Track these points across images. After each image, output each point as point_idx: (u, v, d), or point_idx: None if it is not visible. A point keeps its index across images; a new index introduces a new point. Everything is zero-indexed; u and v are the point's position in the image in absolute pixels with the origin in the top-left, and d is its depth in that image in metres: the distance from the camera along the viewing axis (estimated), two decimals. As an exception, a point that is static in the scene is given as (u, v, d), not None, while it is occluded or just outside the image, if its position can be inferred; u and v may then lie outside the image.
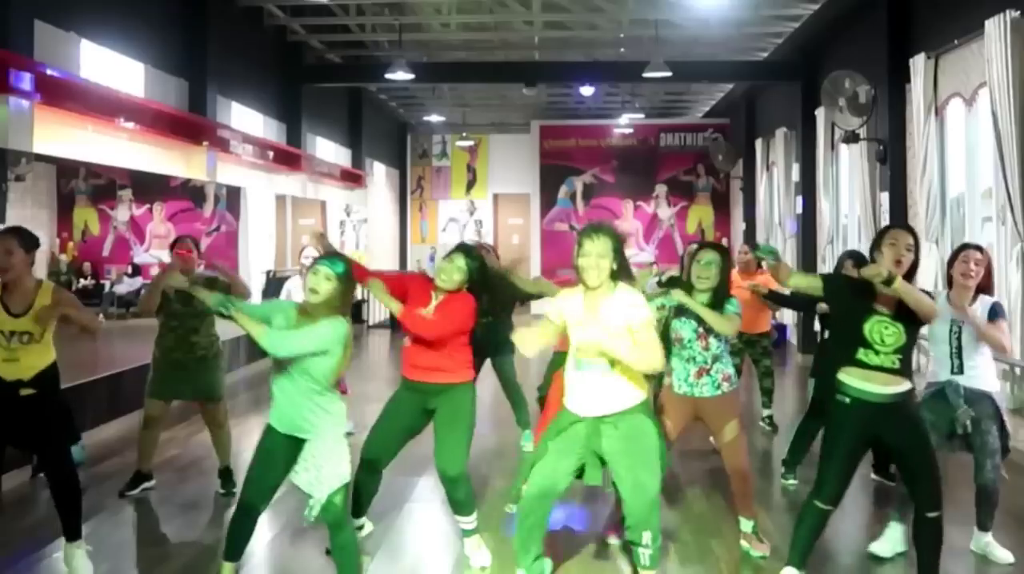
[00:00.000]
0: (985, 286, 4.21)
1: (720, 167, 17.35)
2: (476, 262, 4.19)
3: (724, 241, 18.45)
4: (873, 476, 5.65)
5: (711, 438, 6.59)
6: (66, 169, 14.58)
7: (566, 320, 3.58)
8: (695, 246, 4.69)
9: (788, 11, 11.21)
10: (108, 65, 8.32)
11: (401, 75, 11.79)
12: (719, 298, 4.28)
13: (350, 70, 14.69)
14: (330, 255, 3.70)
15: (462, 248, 4.28)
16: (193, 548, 4.57)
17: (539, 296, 6.06)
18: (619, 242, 3.49)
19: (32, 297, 3.98)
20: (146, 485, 5.45)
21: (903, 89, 8.88)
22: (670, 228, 18.82)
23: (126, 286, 13.99)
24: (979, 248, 4.30)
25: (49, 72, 6.77)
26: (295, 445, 3.62)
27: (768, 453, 6.63)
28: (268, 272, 12.15)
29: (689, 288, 4.32)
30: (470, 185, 20.82)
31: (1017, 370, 6.63)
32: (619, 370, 3.46)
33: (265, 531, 4.91)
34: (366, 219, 17.23)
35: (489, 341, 5.46)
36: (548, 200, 18.97)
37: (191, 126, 9.15)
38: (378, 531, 4.69)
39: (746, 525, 4.41)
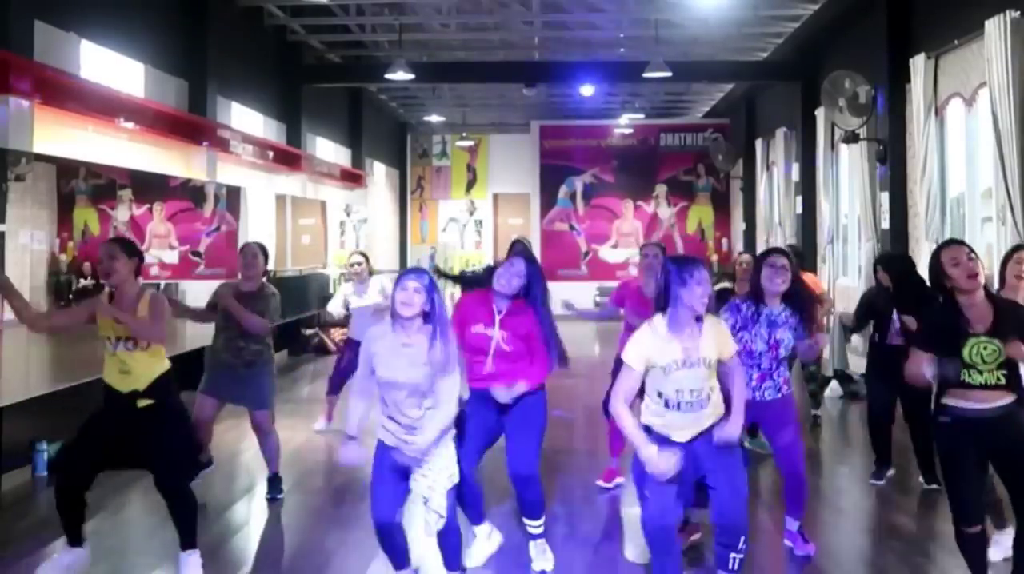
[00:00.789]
0: None
1: (720, 167, 17.35)
2: (534, 265, 4.20)
3: (724, 241, 18.49)
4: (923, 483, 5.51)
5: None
6: (66, 169, 14.57)
7: (654, 364, 3.45)
8: (764, 252, 4.49)
9: (788, 11, 11.21)
10: (108, 65, 8.32)
11: (401, 75, 11.78)
12: (793, 301, 4.25)
13: (350, 70, 14.69)
14: (415, 268, 3.72)
15: (519, 251, 4.30)
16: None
17: None
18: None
19: (135, 304, 4.02)
20: (205, 471, 5.53)
21: (903, 89, 8.88)
22: (670, 228, 18.82)
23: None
24: None
25: (49, 72, 6.77)
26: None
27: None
28: (268, 272, 12.14)
29: (762, 292, 4.26)
30: (470, 185, 20.82)
31: (1017, 370, 6.62)
32: (713, 403, 3.53)
33: (266, 531, 4.91)
34: (366, 219, 17.22)
35: None
36: (548, 200, 18.98)
37: (191, 126, 9.14)
38: (378, 531, 4.68)
39: (792, 524, 4.40)
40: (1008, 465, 3.49)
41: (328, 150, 14.98)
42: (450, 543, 3.80)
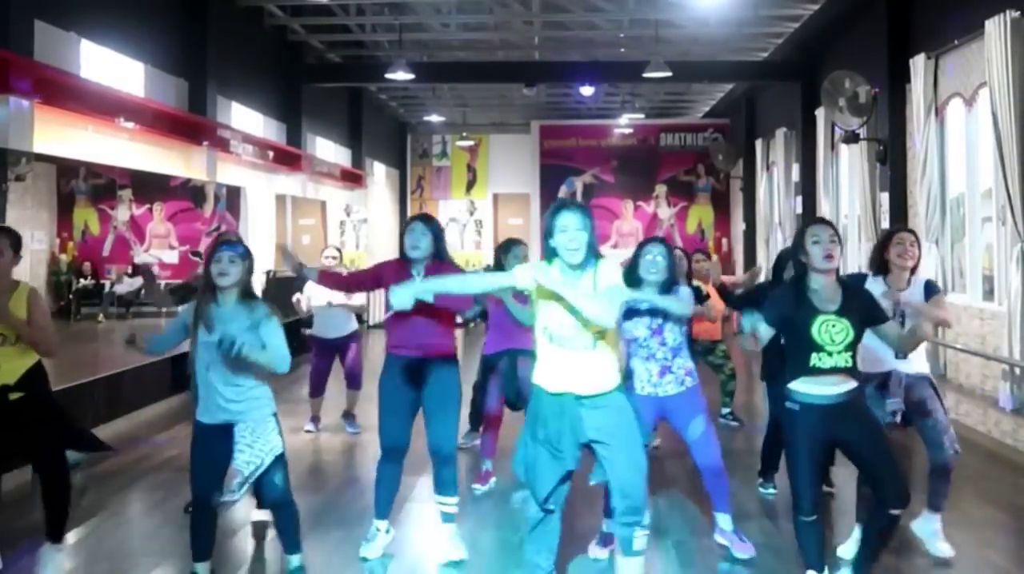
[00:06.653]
0: (915, 269, 4.26)
1: (720, 167, 17.36)
2: (434, 223, 4.36)
3: (724, 242, 18.48)
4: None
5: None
6: (66, 169, 14.58)
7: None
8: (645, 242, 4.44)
9: (788, 11, 11.21)
10: (108, 65, 8.31)
11: (401, 75, 11.79)
12: (667, 290, 4.21)
13: (350, 70, 14.69)
14: (228, 240, 3.78)
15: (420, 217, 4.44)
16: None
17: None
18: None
19: (7, 299, 3.98)
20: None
21: (903, 89, 8.88)
22: (670, 228, 18.83)
23: (126, 286, 14.00)
24: (911, 231, 4.37)
25: (49, 72, 6.77)
26: (226, 433, 3.70)
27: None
28: (268, 272, 12.13)
29: (639, 283, 4.20)
30: (470, 185, 20.81)
31: (1017, 370, 6.62)
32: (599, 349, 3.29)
33: (264, 531, 4.90)
34: (366, 219, 17.22)
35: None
36: (548, 200, 18.95)
37: (191, 126, 9.14)
38: (378, 531, 4.68)
39: (725, 522, 4.28)
40: (857, 449, 3.54)
41: (328, 150, 14.98)
42: (288, 521, 3.89)
